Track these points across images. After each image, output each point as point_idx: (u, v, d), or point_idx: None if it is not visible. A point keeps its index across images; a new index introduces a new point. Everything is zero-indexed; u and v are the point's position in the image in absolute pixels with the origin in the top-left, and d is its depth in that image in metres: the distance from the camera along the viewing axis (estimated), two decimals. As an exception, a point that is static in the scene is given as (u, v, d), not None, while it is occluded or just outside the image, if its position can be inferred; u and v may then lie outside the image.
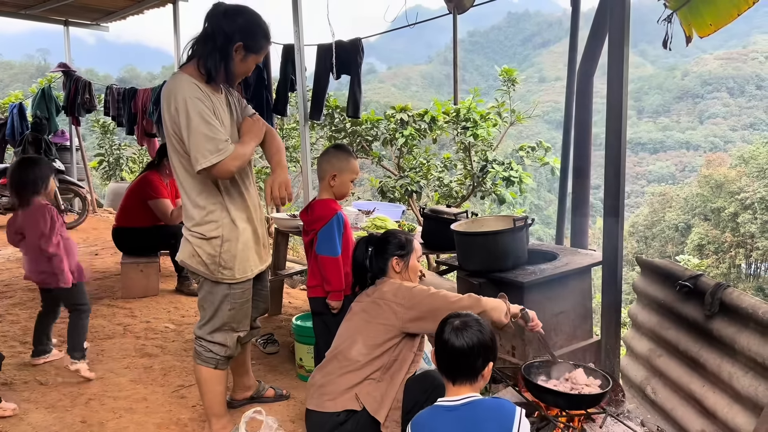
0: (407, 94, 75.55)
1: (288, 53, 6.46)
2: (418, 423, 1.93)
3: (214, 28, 2.49)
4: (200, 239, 2.60)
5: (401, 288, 2.53)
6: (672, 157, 66.50)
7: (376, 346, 2.45)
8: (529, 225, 3.37)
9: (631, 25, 2.94)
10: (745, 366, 2.44)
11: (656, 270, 3.18)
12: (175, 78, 2.52)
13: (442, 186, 7.83)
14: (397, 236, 2.73)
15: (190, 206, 2.62)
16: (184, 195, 2.64)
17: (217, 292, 2.68)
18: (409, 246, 2.71)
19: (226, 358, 2.78)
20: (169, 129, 2.52)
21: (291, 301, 5.35)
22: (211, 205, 2.60)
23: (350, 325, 2.58)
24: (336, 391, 2.39)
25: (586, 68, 4.51)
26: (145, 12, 8.68)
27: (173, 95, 2.46)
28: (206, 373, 2.75)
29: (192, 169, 2.50)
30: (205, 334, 2.73)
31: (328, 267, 2.96)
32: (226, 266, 2.64)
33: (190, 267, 2.68)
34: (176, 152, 2.57)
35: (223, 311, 2.71)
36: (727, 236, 30.68)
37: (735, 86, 78.09)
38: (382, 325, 2.47)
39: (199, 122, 2.42)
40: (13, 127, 9.75)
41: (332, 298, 2.98)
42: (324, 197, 3.08)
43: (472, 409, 1.89)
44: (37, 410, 3.16)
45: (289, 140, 10.66)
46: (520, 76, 7.44)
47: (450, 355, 1.96)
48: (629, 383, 3.22)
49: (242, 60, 2.57)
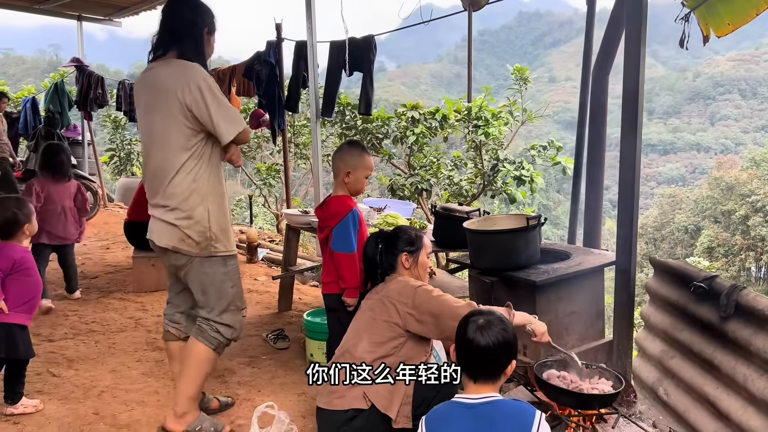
0: (416, 93, 75.45)
1: (300, 50, 6.47)
2: (433, 418, 1.91)
3: (183, 20, 2.68)
4: (187, 219, 2.64)
5: (406, 287, 2.52)
6: (682, 159, 66.03)
7: (380, 344, 2.45)
8: (542, 224, 3.36)
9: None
10: (760, 368, 2.42)
11: (670, 271, 3.16)
12: (182, 65, 2.63)
13: (452, 185, 7.82)
14: (407, 232, 2.73)
15: (178, 187, 2.63)
16: (171, 175, 2.63)
17: (215, 271, 2.72)
18: (419, 242, 2.70)
19: (228, 342, 2.81)
20: (180, 109, 2.58)
21: (301, 297, 5.37)
22: (199, 182, 2.66)
23: (357, 323, 2.59)
24: (344, 388, 2.39)
25: (600, 68, 4.49)
26: (157, 7, 8.70)
27: (190, 78, 2.57)
28: (205, 352, 2.75)
29: (189, 149, 2.61)
30: (215, 317, 2.75)
31: (344, 264, 2.97)
32: (218, 240, 2.70)
33: (181, 251, 2.68)
34: (181, 132, 2.61)
35: (226, 290, 2.75)
36: (738, 239, 30.43)
37: (747, 88, 77.43)
38: (386, 323, 2.47)
39: (222, 99, 2.63)
40: (26, 121, 9.84)
41: (348, 295, 2.98)
42: (339, 194, 3.08)
43: (492, 408, 1.86)
44: (51, 402, 3.19)
45: (300, 137, 10.67)
46: (531, 76, 7.42)
47: (474, 354, 1.92)
48: (641, 384, 3.21)
49: (208, 43, 2.79)
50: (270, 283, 5.69)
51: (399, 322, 2.46)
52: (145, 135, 2.78)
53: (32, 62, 74.65)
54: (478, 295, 3.40)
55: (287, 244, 4.92)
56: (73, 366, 3.67)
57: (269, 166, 10.94)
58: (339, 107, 8.11)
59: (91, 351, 3.94)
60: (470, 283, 3.60)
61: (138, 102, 2.83)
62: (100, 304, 4.97)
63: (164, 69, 2.66)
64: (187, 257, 2.70)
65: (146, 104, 2.72)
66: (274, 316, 4.82)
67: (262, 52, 6.81)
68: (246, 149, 11.30)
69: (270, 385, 3.50)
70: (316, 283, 5.94)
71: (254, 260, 6.58)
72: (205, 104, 2.57)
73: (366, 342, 2.46)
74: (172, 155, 2.63)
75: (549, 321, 3.23)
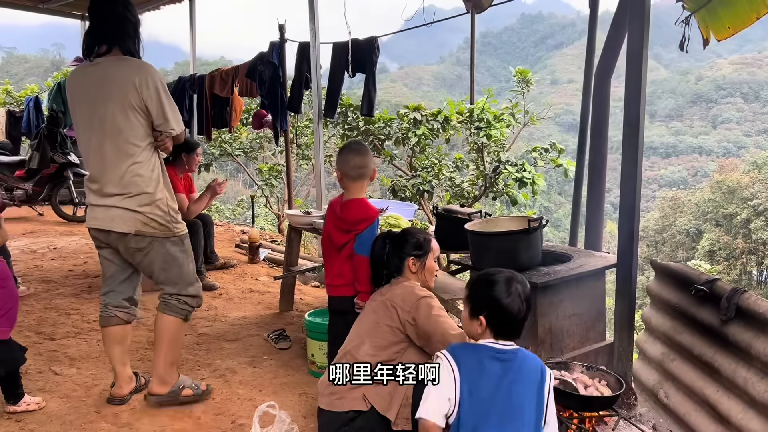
0: (418, 94, 75.46)
1: (303, 51, 6.49)
2: (461, 353, 2.01)
3: (122, 18, 2.85)
4: (149, 205, 2.87)
5: (411, 294, 2.51)
6: (684, 162, 66.03)
7: (383, 348, 2.45)
8: (543, 226, 3.37)
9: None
10: (760, 371, 2.43)
11: (671, 274, 3.17)
12: (138, 62, 2.87)
13: (454, 186, 7.83)
14: (415, 235, 2.70)
15: (138, 175, 2.84)
16: (129, 164, 2.83)
17: (174, 250, 2.98)
18: (427, 246, 2.68)
19: (193, 309, 3.12)
20: (138, 103, 2.79)
21: (303, 298, 5.38)
22: (155, 171, 2.93)
23: (360, 325, 2.59)
24: (344, 390, 2.40)
25: (603, 70, 4.49)
26: (161, 8, 8.73)
27: (149, 75, 2.81)
28: (176, 323, 3.06)
29: (145, 138, 2.86)
30: (182, 291, 3.04)
31: (366, 267, 2.88)
32: (176, 221, 2.98)
33: (145, 233, 2.88)
34: (139, 124, 2.83)
35: (187, 266, 3.04)
36: (739, 242, 30.42)
37: (749, 91, 77.41)
38: (388, 327, 2.48)
39: (171, 99, 2.91)
40: (29, 120, 9.86)
41: (361, 298, 2.91)
42: (360, 196, 2.98)
43: (519, 357, 2.01)
44: (52, 399, 3.19)
45: (302, 138, 10.69)
46: (533, 78, 7.44)
47: (508, 319, 2.02)
48: (641, 387, 3.22)
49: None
50: (271, 283, 5.70)
51: (400, 327, 2.47)
52: (92, 126, 2.86)
53: (35, 61, 74.82)
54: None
55: (289, 244, 4.92)
56: (75, 364, 3.68)
57: (271, 167, 10.96)
58: (341, 108, 8.13)
59: (92, 349, 3.95)
60: (471, 285, 3.61)
61: (80, 96, 2.90)
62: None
63: (117, 64, 2.82)
64: (149, 239, 2.91)
65: (95, 97, 2.83)
66: (275, 316, 4.82)
67: (265, 52, 6.82)
68: (248, 149, 11.33)
69: (271, 384, 3.50)
70: (317, 284, 5.94)
71: (256, 260, 6.59)
72: (159, 101, 2.82)
73: (368, 345, 2.47)
74: (128, 146, 2.82)
75: (550, 323, 3.25)
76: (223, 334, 4.33)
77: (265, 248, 7.03)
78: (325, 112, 6.23)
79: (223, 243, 7.47)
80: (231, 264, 6.27)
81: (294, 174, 9.94)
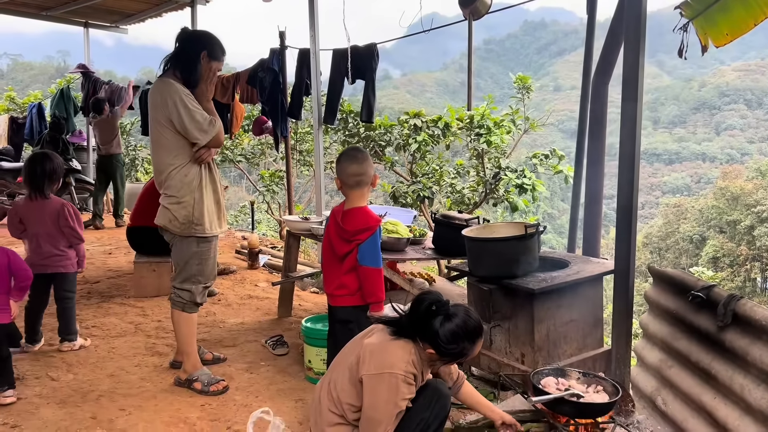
0: (421, 101, 75.62)
1: (303, 57, 6.52)
2: None
3: (185, 45, 3.30)
4: (176, 205, 3.27)
5: (382, 362, 2.18)
6: (687, 169, 65.85)
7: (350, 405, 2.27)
8: (540, 232, 3.36)
9: (648, 35, 2.94)
10: (757, 378, 2.41)
11: (669, 280, 3.15)
12: (161, 81, 3.24)
13: (455, 192, 7.83)
14: (463, 339, 2.19)
15: (172, 179, 3.27)
16: (167, 172, 3.26)
17: (188, 249, 3.34)
18: (464, 357, 2.25)
19: (192, 303, 3.40)
20: (165, 119, 3.19)
21: (301, 304, 5.37)
22: (189, 177, 3.29)
23: (347, 351, 2.39)
24: (325, 425, 2.30)
25: (600, 76, 4.50)
26: (163, 15, 8.80)
27: (168, 93, 3.17)
28: (176, 315, 3.42)
29: (181, 148, 3.25)
30: (177, 284, 3.39)
31: (373, 278, 2.85)
32: (199, 224, 3.30)
33: (168, 229, 3.33)
34: (171, 137, 3.23)
35: (191, 265, 3.36)
36: (743, 249, 30.28)
37: (753, 98, 77.27)
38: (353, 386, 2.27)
39: (195, 112, 3.19)
40: (32, 126, 9.91)
41: (374, 309, 2.88)
42: (361, 205, 2.92)
43: None
44: (48, 405, 3.19)
45: (303, 144, 10.72)
46: (535, 84, 7.45)
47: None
48: (639, 393, 3.19)
49: (207, 64, 3.31)
50: (270, 289, 5.69)
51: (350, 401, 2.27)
52: (150, 139, 3.44)
53: (40, 68, 75.21)
54: (477, 303, 3.40)
55: (288, 250, 4.93)
56: (71, 370, 3.68)
57: (273, 173, 10.99)
58: (342, 114, 8.15)
59: (90, 355, 3.95)
60: (468, 291, 3.60)
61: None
62: (100, 308, 4.98)
63: (156, 85, 3.27)
64: (172, 235, 3.36)
65: (149, 114, 3.36)
66: (273, 322, 4.82)
67: (266, 59, 6.85)
68: (250, 156, 11.37)
69: (267, 391, 3.50)
70: (316, 290, 5.94)
71: (256, 266, 6.59)
72: (179, 116, 3.17)
73: (347, 382, 2.27)
74: (165, 156, 3.28)
75: (547, 329, 3.24)
76: (220, 340, 4.33)
77: (265, 254, 7.03)
78: (324, 118, 6.25)
79: (224, 249, 7.48)
80: (230, 270, 6.27)
81: (296, 180, 9.96)
